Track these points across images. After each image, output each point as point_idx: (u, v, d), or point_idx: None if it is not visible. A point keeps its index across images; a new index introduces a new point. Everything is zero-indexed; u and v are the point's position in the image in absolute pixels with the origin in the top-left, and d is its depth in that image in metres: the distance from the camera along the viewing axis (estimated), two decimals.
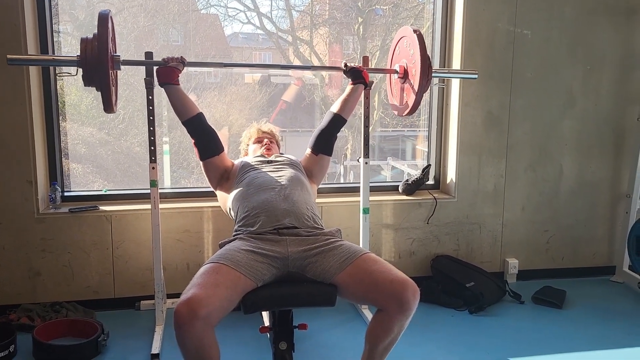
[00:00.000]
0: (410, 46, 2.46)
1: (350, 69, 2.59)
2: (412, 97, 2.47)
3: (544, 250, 3.45)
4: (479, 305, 2.93)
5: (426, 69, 2.38)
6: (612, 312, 2.99)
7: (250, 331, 2.59)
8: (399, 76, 2.61)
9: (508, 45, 3.18)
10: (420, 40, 2.37)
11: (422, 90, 2.41)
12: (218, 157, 2.43)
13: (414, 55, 2.41)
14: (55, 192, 2.80)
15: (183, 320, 1.67)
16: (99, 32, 1.98)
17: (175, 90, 2.33)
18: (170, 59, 2.33)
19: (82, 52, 2.00)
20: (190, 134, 2.40)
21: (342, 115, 2.54)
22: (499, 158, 3.30)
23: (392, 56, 2.73)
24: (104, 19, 1.99)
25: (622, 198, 3.46)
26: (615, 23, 3.30)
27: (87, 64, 2.00)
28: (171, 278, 2.90)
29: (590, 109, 3.37)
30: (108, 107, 2.06)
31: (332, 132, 2.55)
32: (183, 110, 2.34)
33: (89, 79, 2.02)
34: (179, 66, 2.34)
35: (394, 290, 1.83)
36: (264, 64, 2.56)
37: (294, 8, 3.69)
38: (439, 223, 3.27)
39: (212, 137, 2.42)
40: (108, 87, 1.99)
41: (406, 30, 2.52)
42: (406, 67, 2.55)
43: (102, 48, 1.94)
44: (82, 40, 2.01)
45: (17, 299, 2.76)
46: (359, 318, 2.85)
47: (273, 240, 2.03)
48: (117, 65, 2.23)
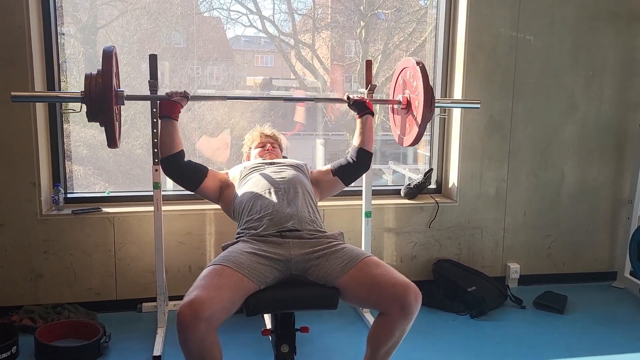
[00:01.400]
0: (413, 78, 2.45)
1: (354, 102, 2.53)
2: (415, 128, 2.45)
3: (546, 255, 3.46)
4: (480, 310, 2.93)
5: (429, 101, 2.36)
6: (614, 318, 2.99)
7: (253, 334, 2.59)
8: (401, 107, 2.60)
9: (510, 51, 3.19)
10: (423, 73, 2.35)
11: (425, 122, 2.39)
12: (206, 179, 2.38)
13: (417, 87, 2.41)
14: (58, 194, 2.81)
15: (186, 322, 1.67)
16: (103, 69, 1.97)
17: (172, 125, 2.28)
18: (173, 94, 2.31)
19: (86, 89, 1.99)
20: (169, 174, 2.33)
21: (364, 147, 2.50)
22: (501, 163, 3.30)
23: (395, 86, 2.72)
24: (108, 56, 1.98)
25: (624, 203, 3.46)
26: (617, 29, 3.31)
27: (91, 100, 1.99)
28: (173, 280, 2.90)
29: (592, 114, 3.38)
30: (112, 143, 2.05)
31: (360, 167, 2.52)
32: (171, 146, 2.28)
33: (92, 115, 2.01)
34: (182, 101, 2.31)
35: (396, 294, 1.83)
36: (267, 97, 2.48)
37: (296, 11, 3.70)
38: (441, 227, 3.27)
39: (191, 168, 2.36)
40: (112, 124, 1.98)
41: (409, 61, 2.50)
42: (409, 99, 2.53)
43: (106, 85, 1.94)
44: (86, 77, 2.00)
45: (20, 300, 2.76)
46: (360, 321, 2.85)
47: (276, 243, 2.03)
48: (120, 100, 2.21)
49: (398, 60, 3.79)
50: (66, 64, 2.97)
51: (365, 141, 2.50)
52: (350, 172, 2.52)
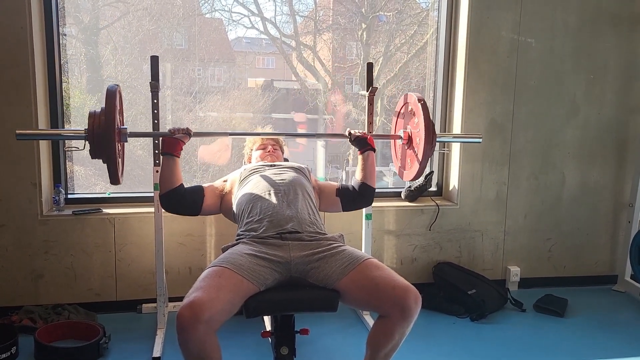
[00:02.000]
0: (415, 114, 2.46)
1: (355, 138, 2.52)
2: (416, 165, 2.45)
3: (546, 258, 3.45)
4: (480, 313, 2.93)
5: (430, 138, 2.36)
6: (614, 322, 2.98)
7: (252, 335, 2.59)
8: (403, 142, 2.60)
9: (512, 54, 3.19)
10: (425, 110, 2.35)
11: (426, 158, 2.39)
12: (205, 198, 2.38)
13: (418, 124, 2.41)
14: (59, 195, 2.81)
15: (186, 323, 1.67)
16: (106, 108, 1.99)
17: (173, 162, 2.27)
18: (176, 130, 2.30)
19: (89, 127, 2.01)
20: (168, 207, 2.32)
21: (367, 182, 2.49)
22: (502, 165, 3.30)
23: (396, 121, 2.72)
24: (111, 95, 2.00)
25: (625, 207, 3.46)
26: (618, 32, 3.31)
27: (94, 139, 2.01)
28: (173, 281, 2.90)
29: (593, 117, 3.38)
30: (114, 180, 2.07)
31: (361, 199, 2.51)
32: (171, 182, 2.28)
33: (95, 153, 2.03)
34: (184, 138, 2.31)
35: (396, 297, 1.83)
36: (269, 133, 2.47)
37: (297, 13, 3.70)
38: (441, 230, 3.27)
39: (188, 196, 2.34)
40: (114, 162, 2.00)
41: (410, 97, 2.50)
42: (410, 134, 2.53)
43: (109, 125, 1.96)
44: (90, 115, 2.02)
45: (20, 300, 2.76)
46: (360, 324, 2.85)
47: (276, 245, 2.03)
48: (124, 138, 2.22)
49: (399, 62, 3.80)
50: (68, 65, 2.97)
51: (367, 177, 2.49)
52: (352, 199, 2.51)
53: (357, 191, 2.49)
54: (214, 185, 2.47)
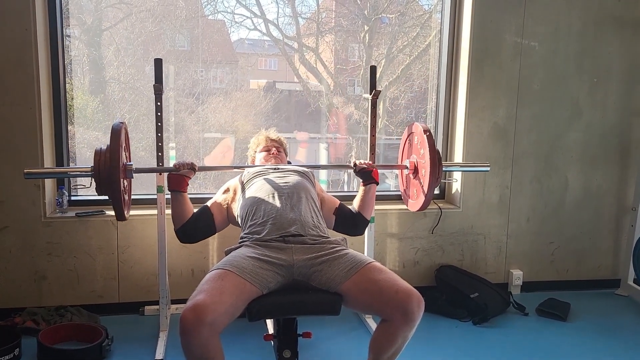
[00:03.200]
0: (420, 145, 2.44)
1: (360, 169, 2.50)
2: (422, 197, 2.44)
3: (549, 262, 3.45)
4: (483, 317, 2.92)
5: (436, 170, 2.35)
6: (617, 326, 2.98)
7: (255, 339, 2.59)
8: (409, 172, 2.59)
9: (515, 57, 3.19)
10: (430, 141, 2.34)
11: (432, 190, 2.38)
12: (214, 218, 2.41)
13: (423, 155, 2.40)
14: (62, 196, 2.82)
15: (189, 326, 1.67)
16: (111, 146, 2.00)
17: (181, 197, 2.31)
18: (180, 165, 2.30)
19: (95, 165, 2.02)
20: (187, 239, 2.38)
21: (362, 214, 2.50)
22: (505, 169, 3.30)
23: (403, 150, 2.71)
24: (116, 133, 2.01)
25: (628, 211, 3.45)
26: (621, 35, 3.30)
27: (100, 176, 2.02)
28: (176, 284, 2.90)
29: (596, 120, 3.37)
30: (120, 217, 2.08)
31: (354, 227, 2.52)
32: (182, 216, 2.32)
33: (101, 190, 2.05)
34: (189, 174, 2.32)
35: (399, 301, 1.83)
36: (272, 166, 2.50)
37: (300, 15, 3.70)
38: (444, 233, 3.26)
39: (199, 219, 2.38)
40: (120, 199, 2.01)
41: (416, 127, 2.49)
42: (416, 164, 2.52)
43: (113, 163, 1.98)
44: (95, 153, 2.03)
45: (23, 302, 2.76)
46: (362, 327, 2.85)
47: (279, 248, 2.03)
48: (129, 174, 2.23)
49: (401, 64, 3.80)
50: (71, 66, 2.98)
51: (364, 208, 2.50)
52: (344, 223, 2.51)
53: (351, 218, 2.50)
54: (217, 201, 2.47)
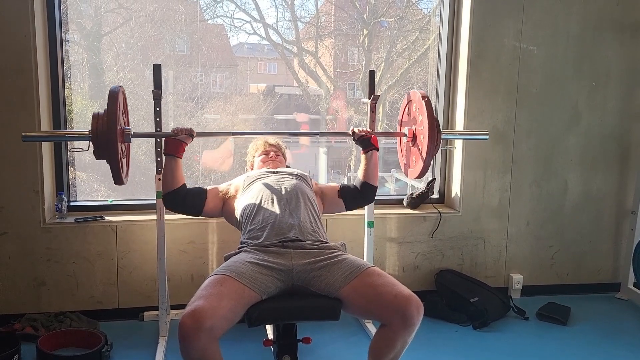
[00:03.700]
0: (419, 111, 2.44)
1: (359, 137, 2.51)
2: (420, 163, 2.44)
3: (549, 266, 3.44)
4: (483, 321, 2.92)
5: (434, 136, 2.34)
6: (617, 330, 2.97)
7: (254, 344, 2.58)
8: (408, 140, 2.59)
9: (514, 61, 3.19)
10: (428, 107, 2.34)
11: (431, 156, 2.38)
12: (207, 201, 2.39)
13: (422, 121, 2.41)
14: (61, 202, 2.82)
15: (188, 332, 1.67)
16: (108, 109, 2.00)
17: (175, 162, 2.30)
18: (179, 131, 2.29)
19: (93, 128, 2.02)
20: (171, 207, 2.36)
21: (369, 182, 2.50)
22: (504, 173, 3.30)
23: (402, 118, 2.72)
24: (113, 97, 2.02)
25: (627, 214, 3.45)
26: (620, 39, 3.31)
27: (97, 140, 2.03)
28: (175, 289, 2.90)
29: (595, 124, 3.37)
30: (118, 180, 2.08)
31: (363, 198, 2.54)
32: (172, 182, 2.30)
33: (99, 154, 2.05)
34: (187, 139, 2.31)
35: (398, 306, 1.83)
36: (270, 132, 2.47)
37: (299, 19, 3.71)
38: (444, 237, 3.26)
39: (191, 194, 2.37)
40: (117, 163, 2.02)
41: (415, 94, 2.49)
42: (415, 132, 2.52)
43: (111, 126, 1.97)
44: (93, 116, 2.03)
45: (22, 308, 2.76)
46: (362, 332, 2.84)
47: (278, 253, 2.03)
48: (127, 138, 2.23)
49: (401, 68, 3.80)
50: (70, 71, 2.98)
51: (369, 176, 2.50)
52: (354, 199, 2.54)
53: (359, 190, 2.52)
54: (218, 188, 2.48)
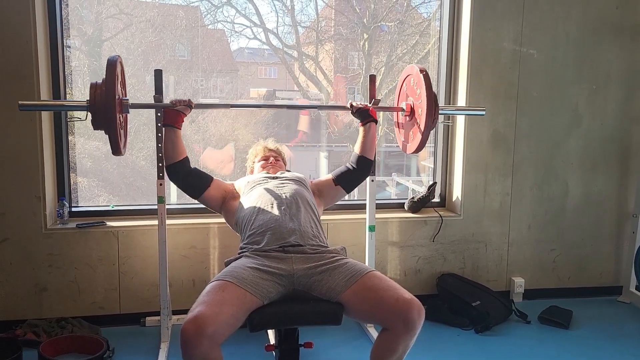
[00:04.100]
0: (417, 85, 2.45)
1: (357, 109, 2.52)
2: (419, 136, 2.45)
3: (550, 269, 3.44)
4: (485, 325, 2.91)
5: (432, 109, 2.36)
6: (619, 333, 2.96)
7: (256, 349, 2.58)
8: (405, 114, 2.60)
9: (514, 64, 3.20)
10: (427, 80, 2.35)
11: (429, 129, 2.39)
12: (210, 187, 2.41)
13: (420, 95, 2.41)
14: (63, 208, 2.82)
15: (189, 338, 1.67)
16: (107, 78, 2.00)
17: (174, 133, 2.32)
18: (177, 102, 2.32)
19: (91, 98, 2.02)
20: (175, 180, 2.38)
21: (365, 155, 2.51)
22: (505, 176, 3.30)
23: (399, 93, 2.72)
24: (112, 66, 2.02)
25: (629, 217, 3.44)
26: (620, 42, 3.31)
27: (95, 109, 2.02)
28: (177, 294, 2.89)
29: (596, 127, 3.37)
30: (116, 151, 2.09)
31: (360, 174, 2.54)
32: (173, 153, 2.33)
33: (97, 123, 2.05)
34: (185, 110, 2.33)
35: (399, 310, 1.83)
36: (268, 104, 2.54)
37: (299, 24, 3.72)
38: (445, 241, 3.26)
39: (197, 175, 2.40)
40: (116, 132, 2.02)
41: (412, 69, 2.50)
42: (413, 106, 2.53)
43: (109, 94, 1.97)
44: (91, 86, 2.04)
45: (24, 314, 2.76)
46: (364, 336, 2.84)
47: (279, 258, 2.03)
48: (125, 109, 2.24)
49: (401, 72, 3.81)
50: (71, 76, 2.99)
51: (366, 149, 2.52)
52: (351, 179, 2.54)
53: (355, 168, 2.52)
54: (222, 183, 2.51)
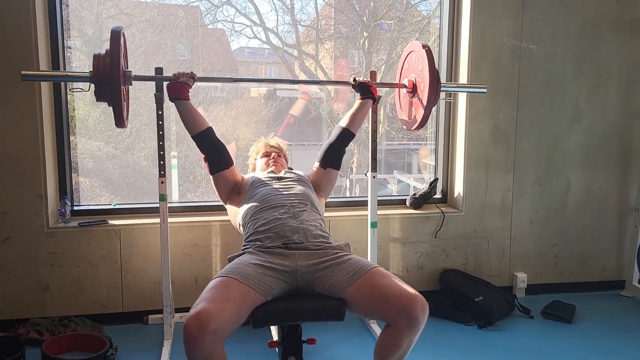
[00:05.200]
0: (419, 61, 2.47)
1: (359, 83, 2.59)
2: (421, 111, 2.47)
3: (553, 264, 3.44)
4: (488, 320, 2.91)
5: (435, 83, 2.38)
6: (622, 327, 2.96)
7: (259, 345, 2.58)
8: (407, 91, 2.61)
9: (514, 60, 3.20)
10: (429, 55, 2.38)
11: (431, 105, 2.41)
12: (228, 170, 2.44)
13: (422, 70, 2.41)
14: (65, 207, 2.82)
15: (193, 334, 1.67)
16: (111, 48, 2.00)
17: (185, 105, 2.34)
18: (180, 75, 2.35)
19: (94, 68, 2.02)
20: (200, 149, 2.40)
21: (350, 129, 2.54)
22: (506, 172, 3.30)
23: (401, 70, 2.73)
24: (116, 36, 2.01)
25: (631, 211, 3.44)
26: (620, 37, 3.31)
27: (99, 80, 2.01)
28: (179, 292, 2.89)
29: (596, 122, 3.37)
30: (119, 122, 2.08)
31: (340, 146, 2.55)
32: (193, 125, 2.35)
33: (100, 95, 2.04)
34: (189, 81, 2.35)
35: (403, 305, 1.83)
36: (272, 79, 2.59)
37: (299, 23, 3.73)
38: (447, 237, 3.26)
39: (222, 151, 2.42)
40: (119, 103, 2.01)
41: (415, 45, 2.53)
42: (415, 82, 2.55)
43: (114, 64, 1.96)
44: (94, 57, 2.03)
45: (26, 313, 2.76)
46: (367, 332, 2.84)
47: (282, 254, 2.03)
48: (128, 80, 2.25)
49: None
50: None
51: (354, 123, 2.55)
52: (334, 157, 2.55)
53: (336, 142, 2.54)
54: (238, 174, 2.54)
